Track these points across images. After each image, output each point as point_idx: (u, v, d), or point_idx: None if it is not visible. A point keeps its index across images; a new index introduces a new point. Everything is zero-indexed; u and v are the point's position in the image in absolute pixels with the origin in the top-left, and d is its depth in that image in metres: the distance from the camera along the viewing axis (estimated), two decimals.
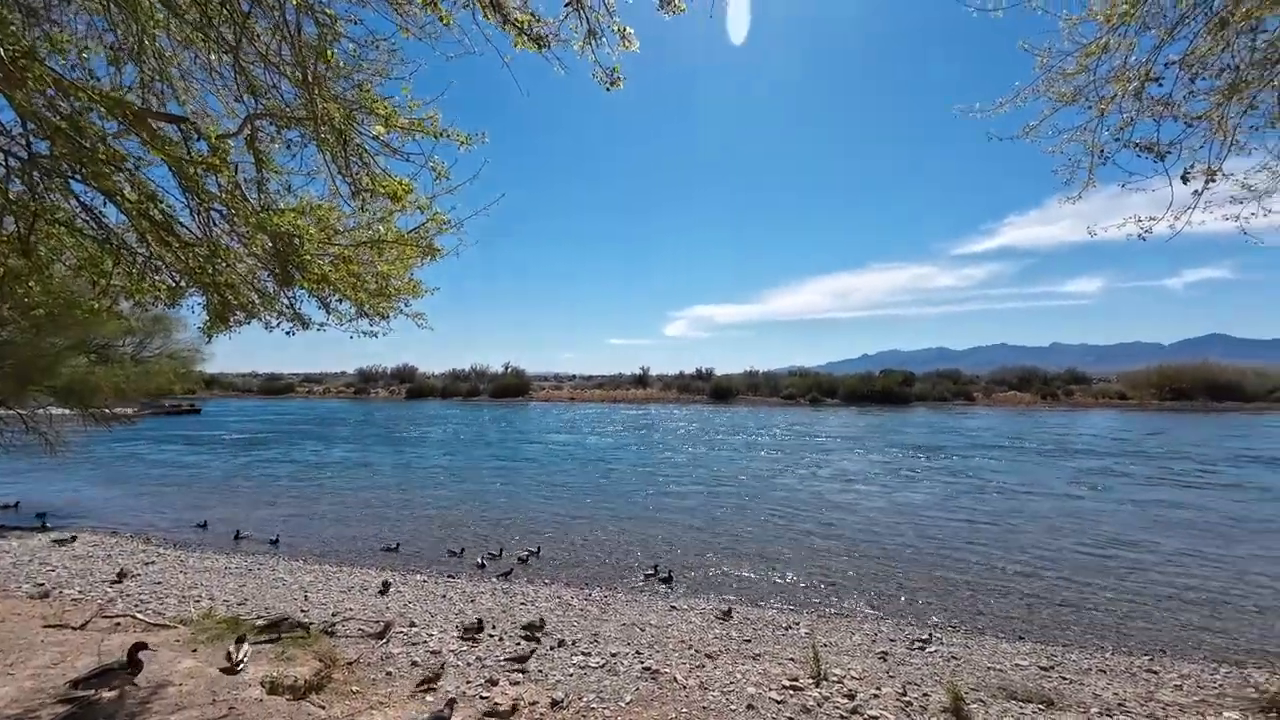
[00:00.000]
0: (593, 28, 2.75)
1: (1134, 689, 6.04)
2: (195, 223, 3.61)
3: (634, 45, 2.91)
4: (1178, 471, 20.47)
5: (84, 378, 11.77)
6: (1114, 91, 3.23)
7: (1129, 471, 20.63)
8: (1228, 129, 3.02)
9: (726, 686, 5.66)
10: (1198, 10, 2.90)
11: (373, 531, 12.92)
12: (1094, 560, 10.78)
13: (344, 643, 6.28)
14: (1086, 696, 5.80)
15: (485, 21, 2.76)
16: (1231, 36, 2.85)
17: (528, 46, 2.66)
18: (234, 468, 22.24)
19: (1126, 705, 5.58)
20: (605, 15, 2.75)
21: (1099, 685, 6.14)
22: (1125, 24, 3.16)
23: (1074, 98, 3.33)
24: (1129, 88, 3.15)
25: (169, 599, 7.91)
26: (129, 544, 11.44)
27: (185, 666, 4.68)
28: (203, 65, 3.50)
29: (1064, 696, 5.75)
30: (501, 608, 8.16)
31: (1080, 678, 6.37)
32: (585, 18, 2.71)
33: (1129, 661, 6.94)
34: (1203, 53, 2.96)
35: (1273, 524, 13.28)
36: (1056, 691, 5.84)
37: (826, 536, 12.49)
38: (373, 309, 4.32)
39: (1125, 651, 7.32)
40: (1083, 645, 7.52)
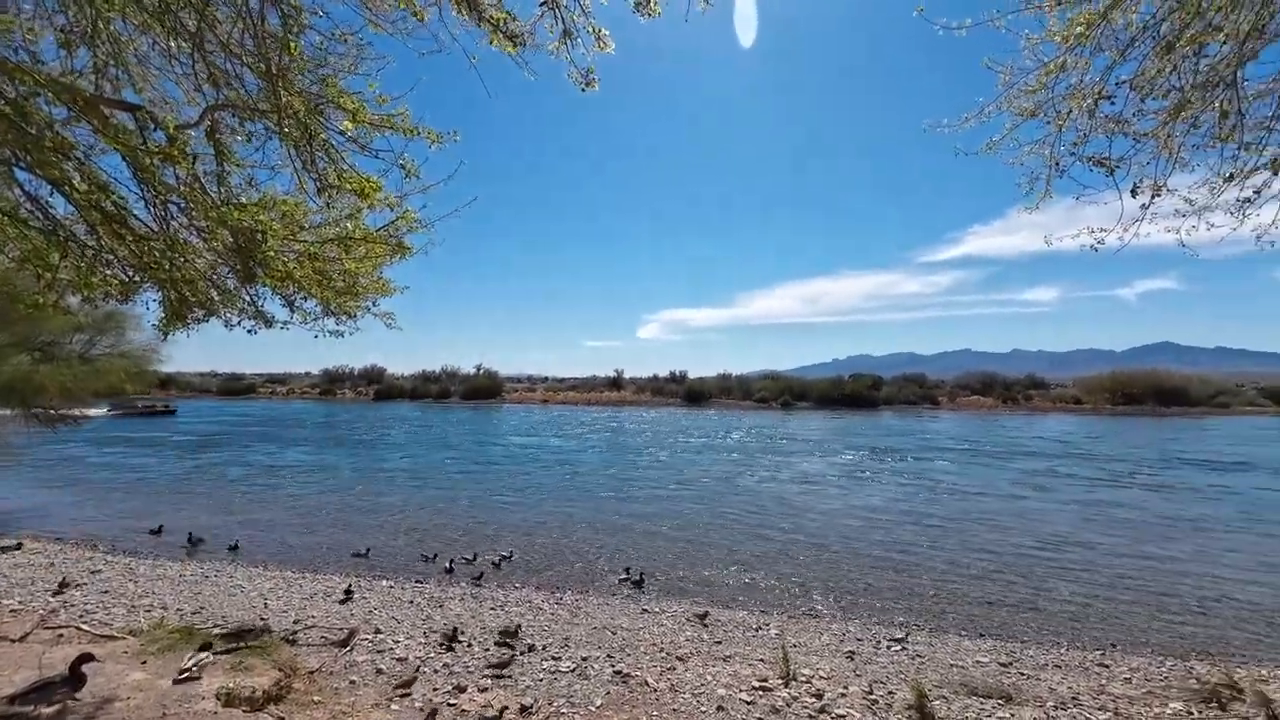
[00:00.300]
0: (568, 28, 2.73)
1: (1087, 682, 6.28)
2: (151, 215, 3.46)
3: (609, 47, 2.91)
4: (1125, 474, 21.43)
5: (26, 376, 11.15)
6: (1070, 108, 3.37)
7: (1081, 474, 21.50)
8: (1173, 146, 3.19)
9: (697, 689, 5.67)
10: (1146, 34, 3.05)
11: (337, 537, 12.57)
12: (1048, 559, 11.19)
13: (306, 651, 6.08)
14: (1043, 691, 6.00)
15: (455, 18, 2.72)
16: (1177, 60, 3.01)
17: (503, 45, 2.64)
18: (191, 470, 21.38)
19: (1080, 699, 5.80)
20: (580, 15, 2.74)
21: (1054, 680, 6.36)
22: (1081, 45, 3.31)
23: (1034, 113, 3.47)
24: (1084, 105, 3.30)
25: (117, 608, 7.54)
26: (75, 551, 10.89)
27: (134, 679, 4.48)
28: (161, 52, 3.36)
29: (1022, 691, 5.93)
30: (471, 613, 8.03)
31: (1037, 673, 6.59)
32: (560, 17, 2.69)
33: (1082, 656, 7.21)
34: (1151, 74, 3.12)
35: (1204, 523, 14.02)
36: (1015, 687, 6.03)
37: (796, 538, 12.66)
38: (339, 308, 4.20)
39: (1079, 647, 7.60)
40: (1039, 641, 7.78)
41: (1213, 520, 14.30)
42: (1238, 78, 2.94)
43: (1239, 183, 3.06)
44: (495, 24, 2.56)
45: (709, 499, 16.93)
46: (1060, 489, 18.50)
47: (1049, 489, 18.51)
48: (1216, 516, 14.70)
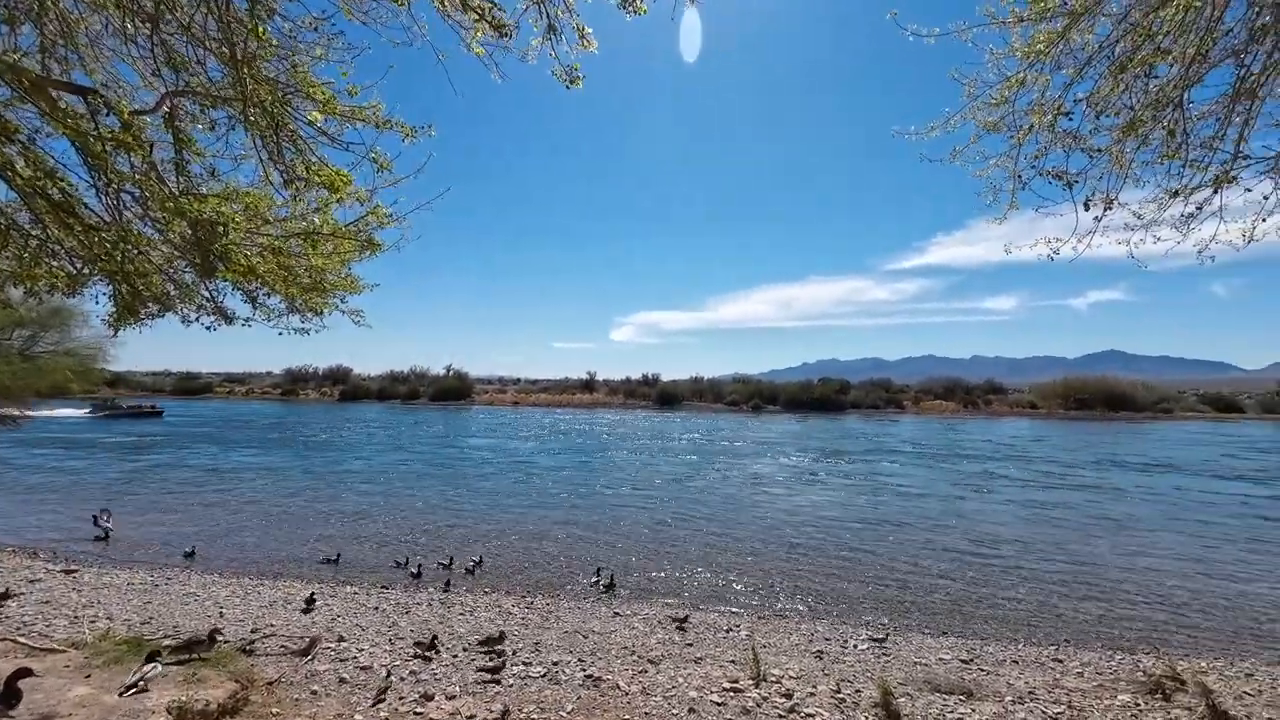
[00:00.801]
0: (553, 23, 2.71)
1: (1042, 677, 6.51)
2: (102, 204, 3.29)
3: (593, 45, 2.89)
4: (1076, 477, 22.38)
5: None
6: (1031, 122, 3.52)
7: (1036, 477, 22.36)
8: (1125, 162, 3.36)
9: (669, 691, 5.67)
10: (1102, 54, 3.21)
11: (298, 542, 12.16)
12: (1006, 559, 11.58)
13: (264, 661, 5.85)
14: (1002, 686, 6.20)
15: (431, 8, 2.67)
16: (1130, 80, 3.17)
17: (487, 34, 2.59)
18: (138, 472, 20.39)
19: (1036, 693, 6.01)
20: (565, 12, 2.72)
21: (1012, 675, 6.58)
22: (1041, 61, 3.45)
23: (997, 126, 3.61)
24: (1044, 120, 3.44)
25: (58, 620, 7.13)
26: (11, 559, 10.26)
27: (77, 694, 4.23)
28: (115, 33, 3.20)
29: (982, 687, 6.12)
30: (439, 619, 7.86)
31: (996, 669, 6.81)
32: (545, 12, 2.67)
33: (1038, 652, 7.48)
34: (1106, 92, 3.27)
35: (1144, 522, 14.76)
36: (976, 683, 6.21)
37: (764, 541, 12.81)
38: (305, 304, 4.06)
39: (1034, 643, 7.88)
40: (998, 638, 8.04)
41: (1152, 520, 15.06)
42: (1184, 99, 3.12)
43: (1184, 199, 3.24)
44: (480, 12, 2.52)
45: (679, 502, 16.99)
46: (1015, 491, 19.21)
47: (1005, 491, 19.20)
48: (1156, 516, 15.48)
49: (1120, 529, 14.04)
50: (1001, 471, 23.28)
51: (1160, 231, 3.60)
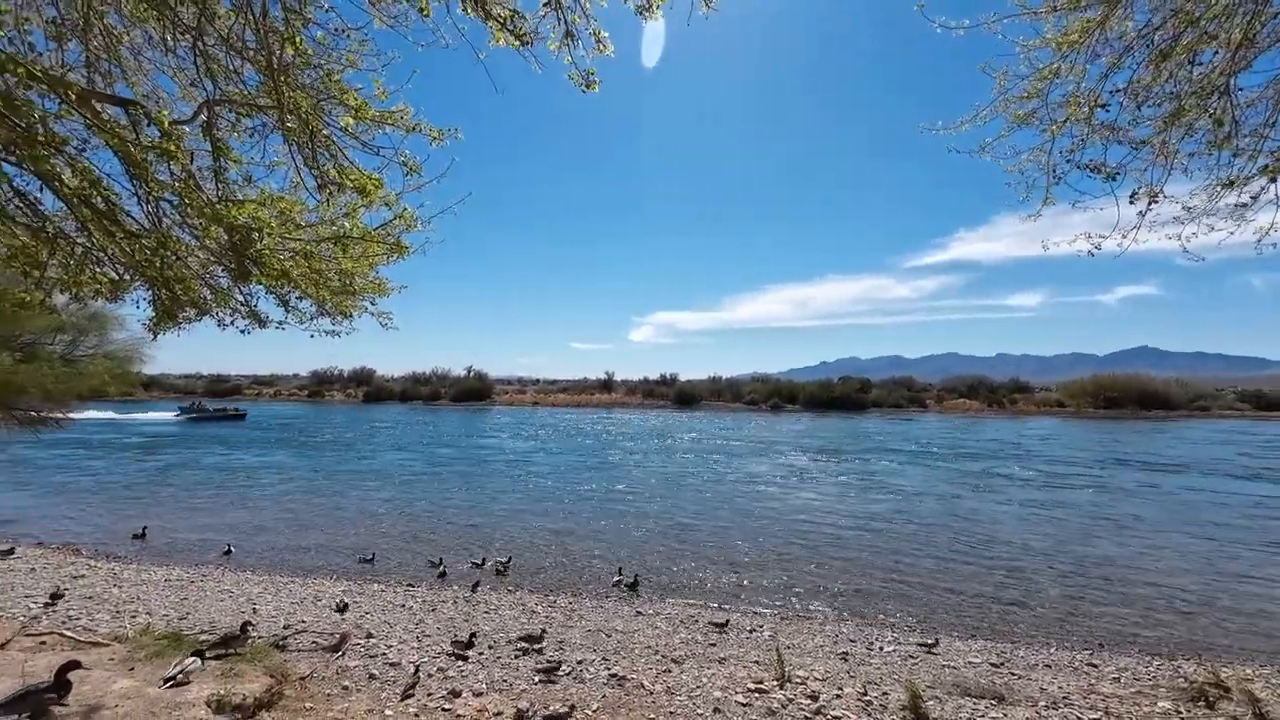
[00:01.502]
0: (570, 29, 2.73)
1: (1077, 682, 6.35)
2: (143, 212, 3.40)
3: (609, 49, 2.90)
4: (1111, 478, 21.77)
5: (7, 377, 10.89)
6: (1066, 115, 3.43)
7: (1068, 478, 21.80)
8: (1170, 153, 3.24)
9: (693, 691, 5.66)
10: (1141, 41, 3.11)
11: (328, 541, 12.42)
12: (1037, 561, 11.32)
13: (296, 657, 5.98)
14: (1034, 691, 6.06)
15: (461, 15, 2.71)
16: (1172, 67, 3.07)
17: (509, 42, 2.62)
18: (178, 474, 21.02)
19: (1071, 698, 5.86)
20: (582, 18, 2.74)
21: (1045, 680, 6.43)
22: (1076, 51, 3.36)
23: (1029, 119, 3.52)
24: (1080, 112, 3.35)
25: (101, 614, 7.38)
26: (56, 556, 10.66)
27: (121, 686, 4.37)
28: (156, 45, 3.30)
29: (1014, 691, 5.99)
30: (464, 616, 7.95)
31: (1028, 673, 6.66)
32: (563, 18, 2.69)
33: (1071, 656, 7.29)
34: (1146, 82, 3.17)
35: (1188, 527, 14.27)
36: (1007, 687, 6.08)
37: (787, 540, 12.71)
38: (336, 307, 4.15)
39: (1068, 647, 7.69)
40: (1029, 642, 7.86)
41: (1193, 523, 14.57)
42: (1231, 85, 3.01)
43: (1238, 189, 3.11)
44: (501, 21, 2.55)
45: (700, 501, 16.95)
46: (1043, 493, 18.75)
47: (1032, 492, 18.76)
48: (1196, 519, 14.97)
49: (1158, 532, 13.63)
50: (1028, 472, 22.77)
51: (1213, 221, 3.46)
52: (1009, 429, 43.60)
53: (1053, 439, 36.42)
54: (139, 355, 13.57)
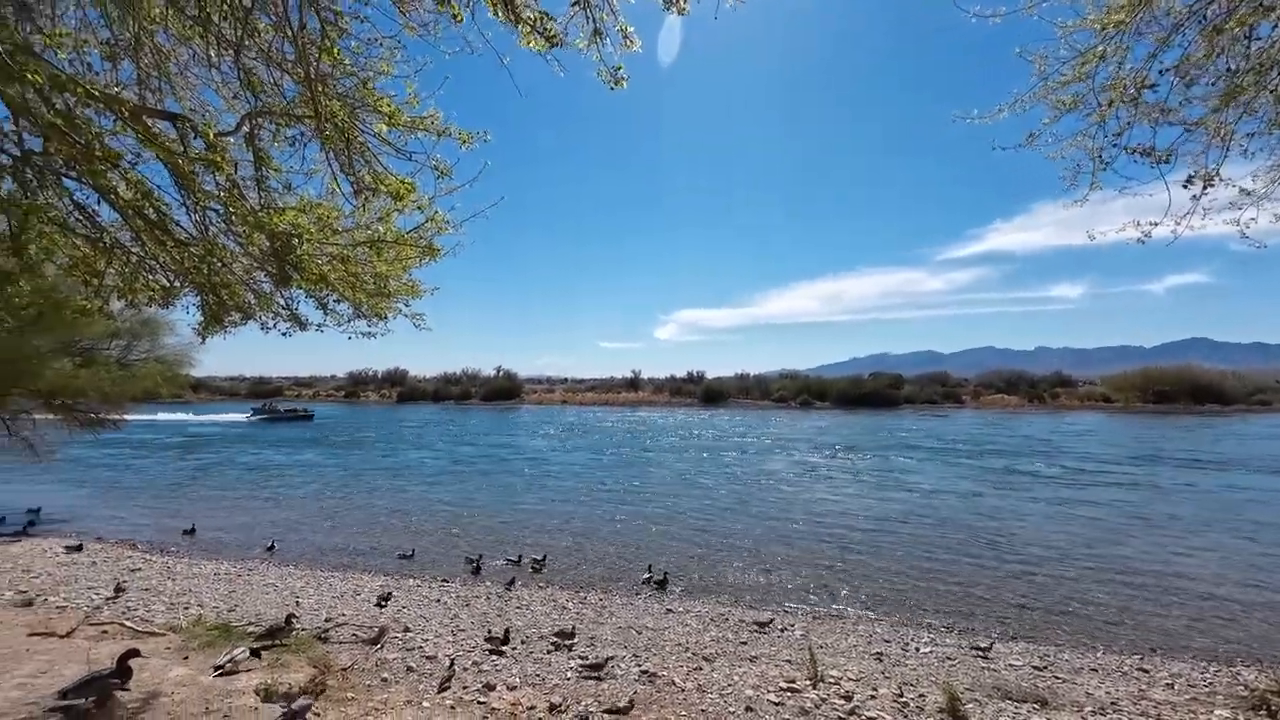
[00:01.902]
0: (598, 27, 2.75)
1: (1126, 688, 6.11)
2: (191, 221, 3.56)
3: (636, 45, 2.91)
4: (1160, 475, 20.82)
5: (68, 381, 11.54)
6: (1111, 98, 3.27)
7: (1111, 476, 20.95)
8: (1226, 134, 3.07)
9: (724, 689, 5.65)
10: (1192, 17, 2.95)
11: (365, 537, 12.78)
12: (1082, 561, 10.91)
13: (337, 649, 6.19)
14: (1080, 695, 5.85)
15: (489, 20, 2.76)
16: (1226, 43, 2.91)
17: (538, 45, 2.66)
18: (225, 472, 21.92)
19: (1120, 704, 5.64)
20: (609, 15, 2.76)
21: (1091, 684, 6.20)
22: (1121, 31, 3.21)
23: (1073, 105, 3.38)
24: (1126, 94, 3.20)
25: (157, 605, 7.76)
26: (114, 550, 11.23)
27: (177, 674, 4.60)
28: (201, 61, 3.45)
29: (1058, 695, 5.79)
30: (497, 612, 8.09)
31: (1073, 677, 6.43)
32: (591, 16, 2.71)
33: (1120, 661, 7.02)
34: (1198, 59, 3.01)
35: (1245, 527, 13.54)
36: (1051, 691, 5.89)
37: (817, 539, 12.54)
38: (371, 309, 4.27)
39: (1116, 651, 7.40)
40: (1074, 645, 7.59)
41: (1250, 524, 13.82)
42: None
43: None
44: (531, 24, 2.58)
45: (728, 499, 16.86)
46: (1088, 490, 18.06)
47: (1076, 490, 18.08)
48: (1255, 521, 14.20)
49: (1214, 531, 12.98)
50: (1068, 470, 21.93)
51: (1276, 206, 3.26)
52: (1050, 425, 42.10)
53: (1096, 435, 35.03)
54: (188, 359, 14.23)
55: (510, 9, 2.57)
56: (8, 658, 4.80)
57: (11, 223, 3.24)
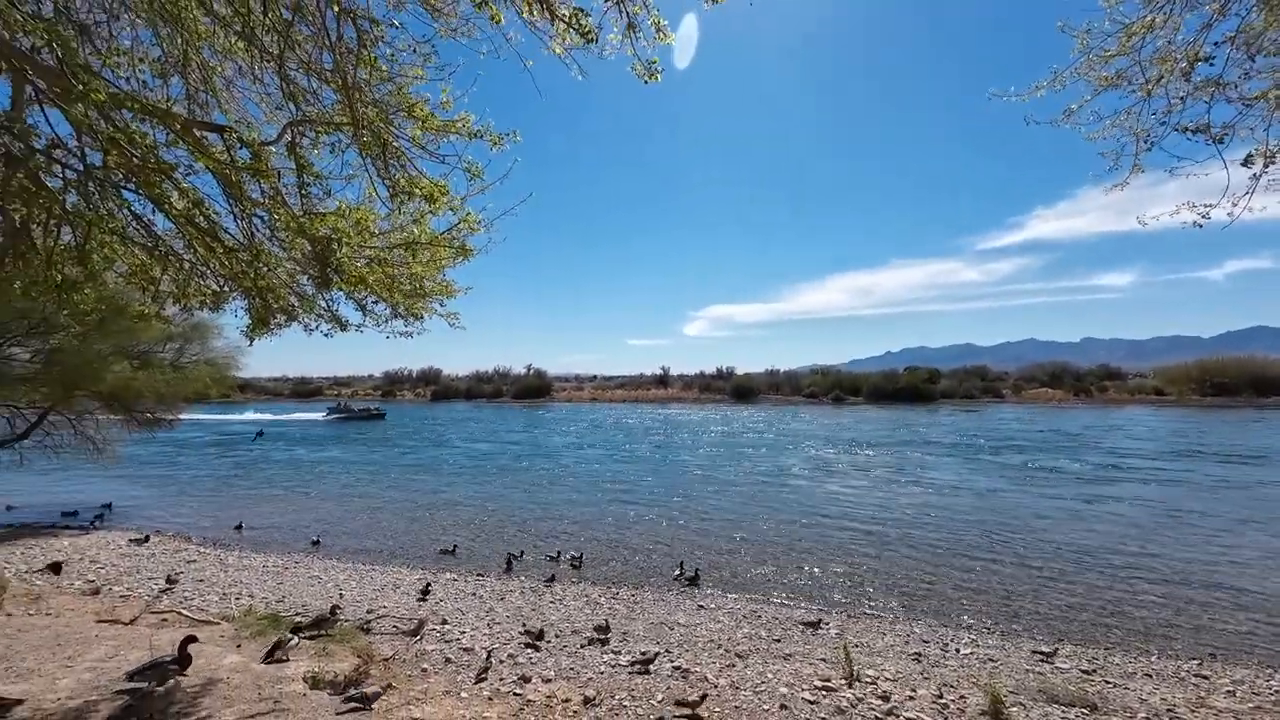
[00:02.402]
0: (632, 21, 2.75)
1: (1183, 694, 5.83)
2: (238, 228, 3.73)
3: (669, 38, 2.90)
4: (1214, 472, 19.73)
5: (127, 383, 12.20)
6: (1160, 73, 3.10)
7: (1163, 472, 19.96)
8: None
9: (758, 686, 5.62)
10: None
11: (404, 532, 13.15)
12: (1131, 562, 10.44)
13: (379, 639, 6.39)
14: (1132, 701, 5.61)
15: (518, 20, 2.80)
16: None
17: (573, 41, 2.68)
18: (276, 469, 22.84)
19: (1176, 711, 5.39)
20: (642, 9, 2.76)
21: (1145, 690, 5.94)
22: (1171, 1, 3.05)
23: (1117, 81, 3.22)
24: (1176, 68, 3.03)
25: (211, 596, 8.15)
26: (171, 543, 11.83)
27: (231, 661, 4.83)
28: (245, 75, 3.61)
29: (1108, 701, 5.57)
30: (531, 606, 8.22)
31: (1124, 682, 6.17)
32: (624, 10, 2.72)
33: (1176, 666, 6.70)
34: (1260, 28, 2.82)
35: None
36: (1101, 695, 5.67)
37: (852, 536, 12.33)
38: (408, 310, 4.40)
39: (1171, 655, 7.06)
40: (1126, 648, 7.28)
41: None
42: None
43: None
44: (567, 21, 2.61)
45: (759, 496, 16.72)
46: (1138, 488, 17.26)
47: (1125, 487, 17.30)
48: None
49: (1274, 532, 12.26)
50: (1119, 466, 20.99)
51: None
52: (1096, 420, 40.35)
53: (1148, 430, 33.41)
54: (235, 361, 14.87)
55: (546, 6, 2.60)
56: (79, 643, 5.12)
57: (76, 234, 3.45)
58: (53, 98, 3.05)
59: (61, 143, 3.22)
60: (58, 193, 3.27)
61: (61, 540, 11.41)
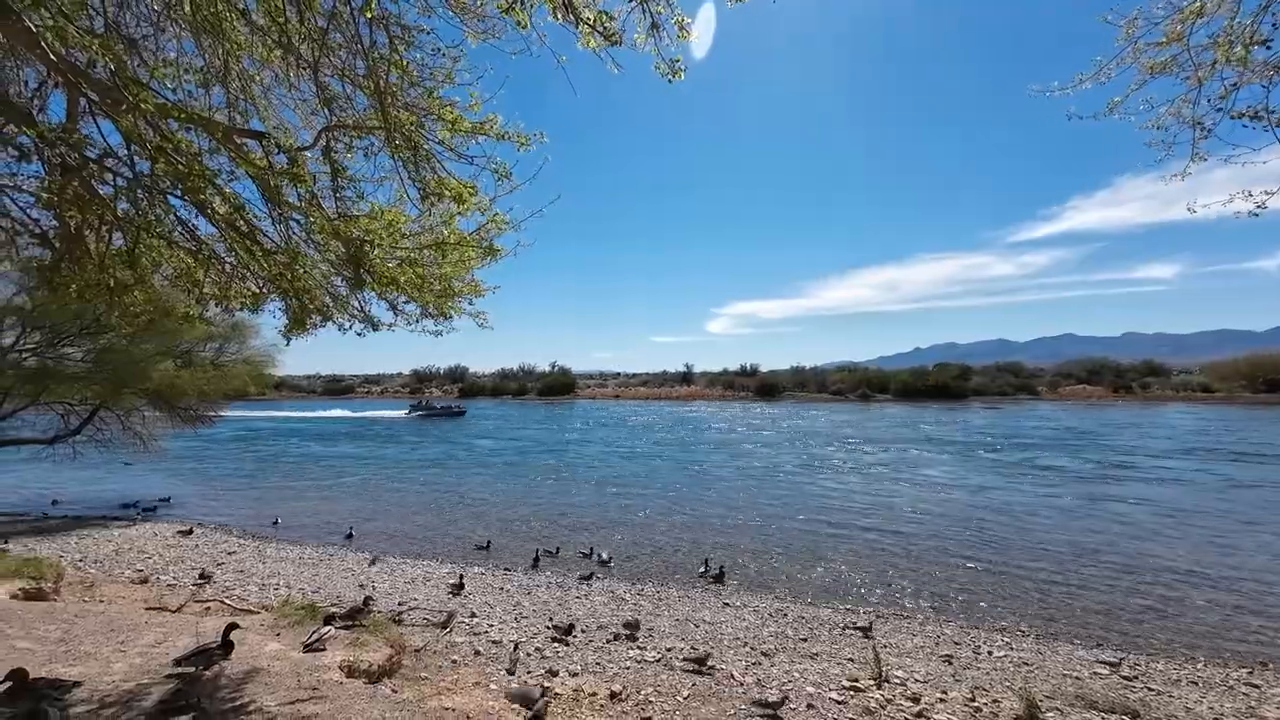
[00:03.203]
0: (655, 20, 2.76)
1: (1232, 704, 5.60)
2: (276, 231, 3.85)
3: (692, 36, 2.90)
4: (1272, 476, 18.82)
5: (172, 381, 12.71)
6: (1215, 58, 2.96)
7: (1216, 474, 19.12)
8: None
9: (784, 684, 5.59)
10: None
11: (434, 526, 13.42)
12: (1177, 567, 10.04)
13: (410, 631, 6.55)
14: (1177, 710, 5.42)
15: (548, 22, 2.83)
16: None
17: (597, 44, 2.70)
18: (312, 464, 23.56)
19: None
20: (666, 8, 2.77)
21: (1191, 698, 5.73)
22: None
23: (1167, 67, 3.08)
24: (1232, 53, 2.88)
25: (250, 586, 8.45)
26: (213, 535, 12.29)
27: (271, 649, 5.00)
28: (282, 83, 3.73)
29: (1151, 708, 5.39)
30: (558, 601, 8.32)
31: (1169, 689, 5.96)
32: (648, 10, 2.73)
33: (1225, 674, 6.44)
34: None
35: None
36: (1143, 703, 5.48)
37: (880, 536, 12.14)
38: (438, 309, 4.48)
39: (1219, 663, 6.79)
40: (1169, 655, 7.03)
41: None
42: None
43: None
44: (590, 23, 2.63)
45: (785, 494, 16.58)
46: (1191, 491, 16.57)
47: (1171, 489, 16.64)
48: None
49: None
50: (1162, 467, 20.18)
51: None
52: (1136, 418, 38.86)
53: (1192, 429, 32.04)
54: (273, 360, 15.37)
55: (570, 10, 2.62)
56: (130, 629, 5.37)
57: (126, 238, 3.61)
58: (105, 109, 3.19)
59: (112, 152, 3.37)
60: (109, 199, 3.42)
61: (112, 531, 11.96)
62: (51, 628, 5.22)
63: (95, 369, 11.59)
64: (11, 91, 3.54)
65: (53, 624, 5.34)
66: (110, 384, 11.83)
